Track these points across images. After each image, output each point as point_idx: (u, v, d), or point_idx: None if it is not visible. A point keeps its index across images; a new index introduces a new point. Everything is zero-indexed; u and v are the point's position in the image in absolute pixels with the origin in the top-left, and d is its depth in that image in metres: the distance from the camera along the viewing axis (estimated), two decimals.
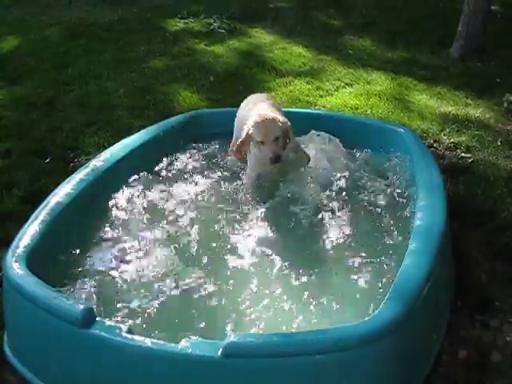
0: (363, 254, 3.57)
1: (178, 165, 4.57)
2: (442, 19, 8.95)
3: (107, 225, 3.88)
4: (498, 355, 3.27)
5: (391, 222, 3.87)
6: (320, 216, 3.96)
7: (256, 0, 10.50)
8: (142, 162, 4.48)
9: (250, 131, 4.14)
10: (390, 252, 3.56)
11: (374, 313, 2.83)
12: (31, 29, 9.46)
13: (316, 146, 4.56)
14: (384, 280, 3.25)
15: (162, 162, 4.59)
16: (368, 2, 10.18)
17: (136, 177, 4.36)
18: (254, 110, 4.33)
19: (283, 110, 4.66)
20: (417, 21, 9.16)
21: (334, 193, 4.18)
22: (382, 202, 4.08)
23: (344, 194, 4.18)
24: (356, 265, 3.50)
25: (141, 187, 4.27)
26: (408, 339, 2.89)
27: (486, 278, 3.81)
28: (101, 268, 3.51)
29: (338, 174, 4.33)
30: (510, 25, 8.64)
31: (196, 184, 4.35)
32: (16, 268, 3.14)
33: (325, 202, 4.11)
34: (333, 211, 4.02)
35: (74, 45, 8.54)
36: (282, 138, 4.11)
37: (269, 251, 3.64)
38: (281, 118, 4.22)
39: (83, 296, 3.22)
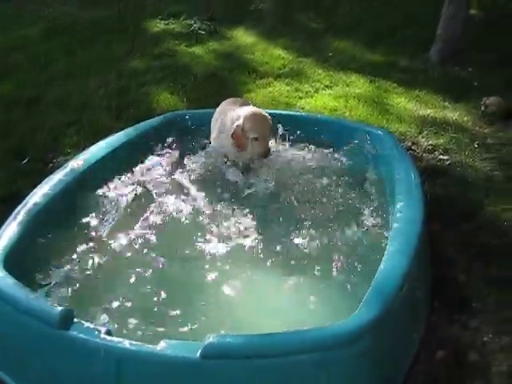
0: (341, 256, 3.58)
1: (157, 165, 4.55)
2: (421, 23, 9.01)
3: (86, 226, 3.86)
4: (475, 355, 3.29)
5: (369, 223, 3.89)
6: (296, 217, 3.98)
7: (237, 1, 10.52)
8: (121, 162, 4.45)
9: (247, 126, 4.21)
10: (368, 253, 3.58)
11: (352, 313, 2.84)
12: (11, 27, 9.40)
13: None
14: (362, 281, 3.26)
15: (141, 162, 4.56)
16: (349, 5, 10.22)
17: (115, 177, 4.34)
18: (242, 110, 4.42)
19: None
20: (396, 25, 9.21)
21: (309, 195, 4.21)
22: (359, 204, 4.10)
23: (320, 196, 4.20)
24: (333, 266, 3.51)
25: (120, 188, 4.25)
26: (386, 340, 2.91)
27: (464, 279, 3.84)
28: (80, 269, 3.48)
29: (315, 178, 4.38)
30: (487, 29, 8.73)
31: (176, 184, 4.34)
32: None
33: (301, 203, 4.13)
34: (310, 213, 4.03)
35: (55, 44, 8.50)
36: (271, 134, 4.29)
37: (249, 251, 3.66)
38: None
39: (62, 297, 3.21)
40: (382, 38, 8.73)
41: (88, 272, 3.48)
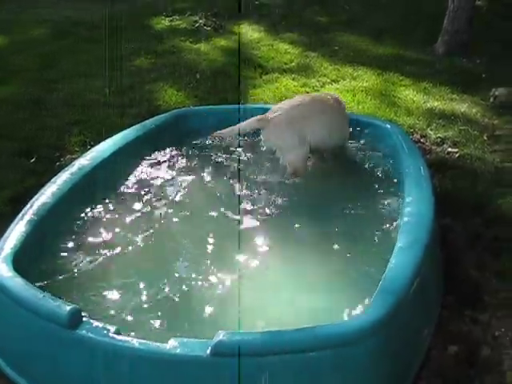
0: (351, 251, 3.57)
1: (164, 163, 4.55)
2: (427, 15, 8.97)
3: (94, 225, 3.84)
4: (487, 350, 3.27)
5: (378, 217, 3.87)
6: (305, 212, 3.96)
7: None
8: (128, 160, 4.45)
9: None
10: (378, 248, 3.56)
11: (363, 309, 2.82)
12: (16, 28, 9.39)
13: None
14: (372, 276, 3.24)
15: (148, 160, 4.56)
16: None
17: (122, 175, 4.33)
18: None
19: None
20: (402, 17, 9.18)
21: (319, 188, 4.20)
22: (368, 197, 4.09)
23: (329, 190, 4.19)
24: (344, 261, 3.50)
25: (127, 186, 4.25)
26: (397, 336, 2.88)
27: (475, 273, 3.81)
28: (88, 268, 3.47)
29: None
30: (494, 20, 8.68)
31: (184, 181, 4.33)
32: (2, 269, 3.10)
33: (309, 196, 4.15)
34: (319, 208, 4.02)
35: (60, 44, 8.47)
36: None
37: (260, 249, 3.65)
38: None
39: (70, 296, 3.19)
40: (387, 31, 8.69)
41: (97, 271, 3.46)
